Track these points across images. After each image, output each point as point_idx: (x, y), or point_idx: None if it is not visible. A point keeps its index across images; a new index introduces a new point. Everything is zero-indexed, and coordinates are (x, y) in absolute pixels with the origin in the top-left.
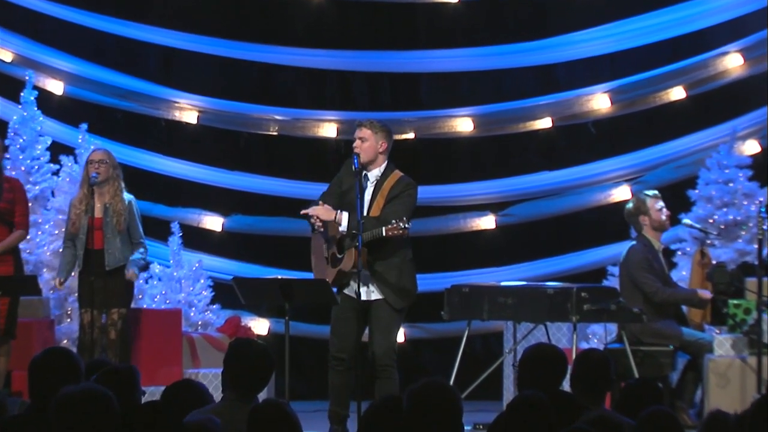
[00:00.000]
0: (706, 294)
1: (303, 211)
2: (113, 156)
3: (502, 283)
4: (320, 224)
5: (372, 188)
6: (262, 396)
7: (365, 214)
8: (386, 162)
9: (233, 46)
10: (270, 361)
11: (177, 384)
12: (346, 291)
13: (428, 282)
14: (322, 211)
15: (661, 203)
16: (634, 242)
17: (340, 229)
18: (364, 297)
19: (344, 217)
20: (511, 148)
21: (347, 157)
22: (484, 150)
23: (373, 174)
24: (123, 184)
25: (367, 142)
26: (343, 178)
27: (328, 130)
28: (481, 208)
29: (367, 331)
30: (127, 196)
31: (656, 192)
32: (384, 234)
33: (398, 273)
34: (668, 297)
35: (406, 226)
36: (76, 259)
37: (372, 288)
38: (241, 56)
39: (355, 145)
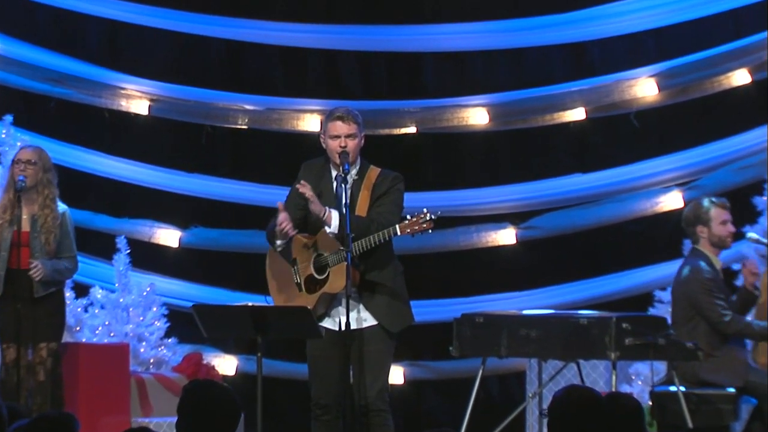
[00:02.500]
0: None
1: (301, 190)
2: (47, 156)
3: (525, 312)
4: (310, 194)
5: (350, 190)
6: None
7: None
8: (359, 157)
9: (194, 20)
10: (235, 406)
11: None
12: (324, 323)
13: (433, 310)
14: (313, 200)
15: (727, 215)
16: (692, 258)
17: (328, 231)
18: (353, 325)
19: (334, 216)
20: (536, 146)
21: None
22: (502, 147)
23: (352, 172)
24: (56, 192)
25: (356, 139)
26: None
27: (311, 122)
28: (499, 219)
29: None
30: (61, 207)
31: (724, 200)
32: (398, 233)
33: (392, 288)
34: (743, 329)
35: (433, 217)
36: None
37: (362, 313)
38: (204, 32)
39: (342, 144)
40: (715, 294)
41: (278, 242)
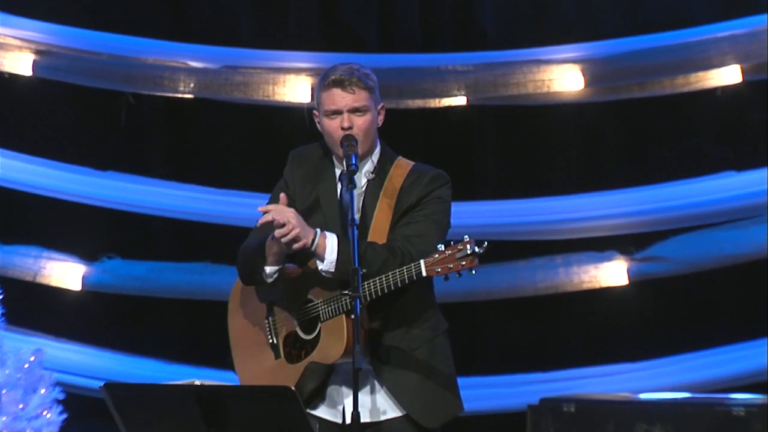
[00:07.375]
0: None
1: (262, 209)
2: None
3: (643, 396)
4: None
5: (362, 198)
6: None
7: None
8: (379, 144)
9: None
10: None
11: None
12: (317, 411)
13: (495, 392)
14: (293, 218)
15: None
16: None
17: (321, 268)
18: (366, 417)
19: (330, 243)
20: (660, 127)
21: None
22: (606, 129)
23: (364, 169)
24: None
25: (368, 115)
26: (294, 187)
27: (297, 89)
28: (601, 246)
29: None
30: None
31: None
32: (423, 272)
33: (428, 357)
34: None
35: (477, 249)
36: None
37: (379, 396)
38: None
39: (345, 124)
40: None
41: (269, 269)
